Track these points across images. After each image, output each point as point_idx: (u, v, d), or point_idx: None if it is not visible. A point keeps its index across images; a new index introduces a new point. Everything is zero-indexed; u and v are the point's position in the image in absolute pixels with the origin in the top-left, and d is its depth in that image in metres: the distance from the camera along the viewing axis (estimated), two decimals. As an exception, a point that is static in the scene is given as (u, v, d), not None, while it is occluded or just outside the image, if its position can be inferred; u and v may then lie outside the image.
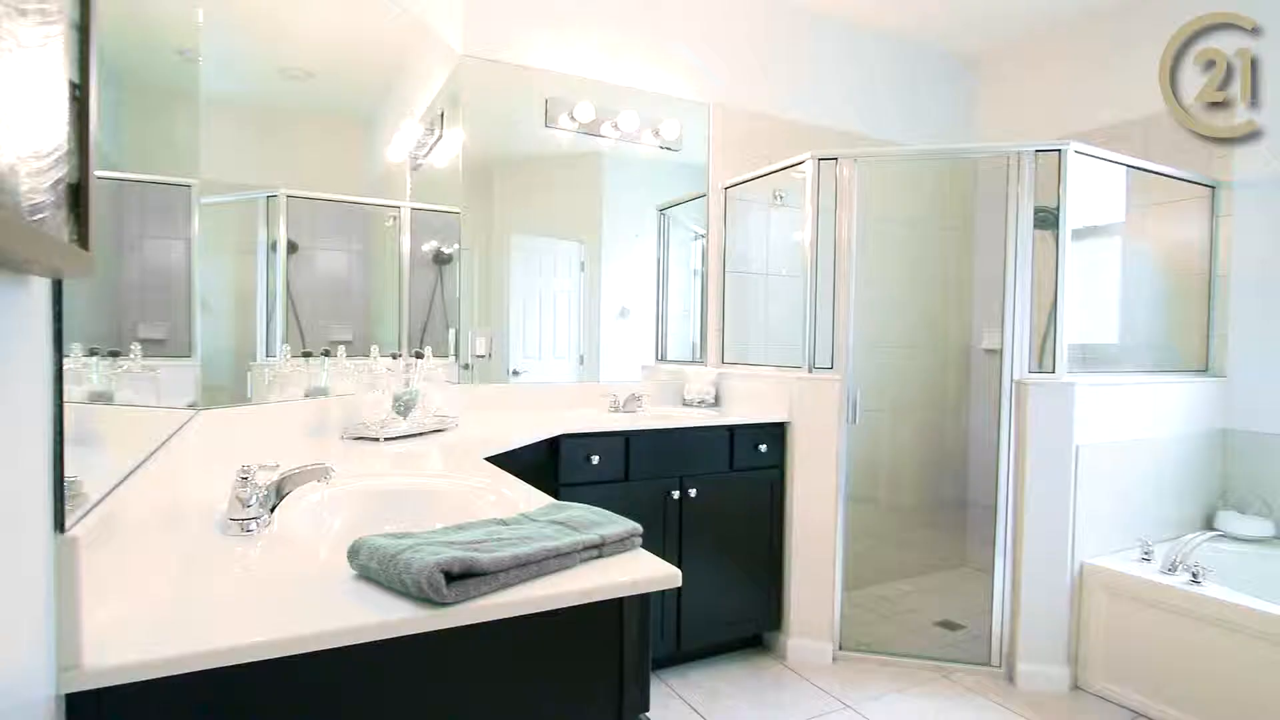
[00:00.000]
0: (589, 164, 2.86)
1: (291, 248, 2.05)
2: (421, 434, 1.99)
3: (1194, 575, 2.15)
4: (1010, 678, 2.38)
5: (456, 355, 2.57)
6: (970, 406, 3.55)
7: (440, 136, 2.55)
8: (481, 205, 2.65)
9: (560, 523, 0.95)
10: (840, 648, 2.52)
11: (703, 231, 3.05)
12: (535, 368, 2.76)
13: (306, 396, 1.96)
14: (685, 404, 2.86)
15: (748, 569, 2.50)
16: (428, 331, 2.51)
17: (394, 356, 2.14)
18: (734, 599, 2.48)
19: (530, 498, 1.19)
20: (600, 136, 2.83)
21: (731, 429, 2.46)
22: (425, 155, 2.52)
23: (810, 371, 2.52)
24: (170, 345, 1.36)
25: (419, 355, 2.12)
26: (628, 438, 2.27)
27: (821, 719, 2.15)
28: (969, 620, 2.84)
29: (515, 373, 2.72)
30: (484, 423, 2.25)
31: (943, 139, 3.62)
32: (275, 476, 1.03)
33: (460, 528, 0.91)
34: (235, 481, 0.97)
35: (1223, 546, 2.48)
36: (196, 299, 1.47)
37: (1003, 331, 2.39)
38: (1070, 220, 2.35)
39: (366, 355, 2.11)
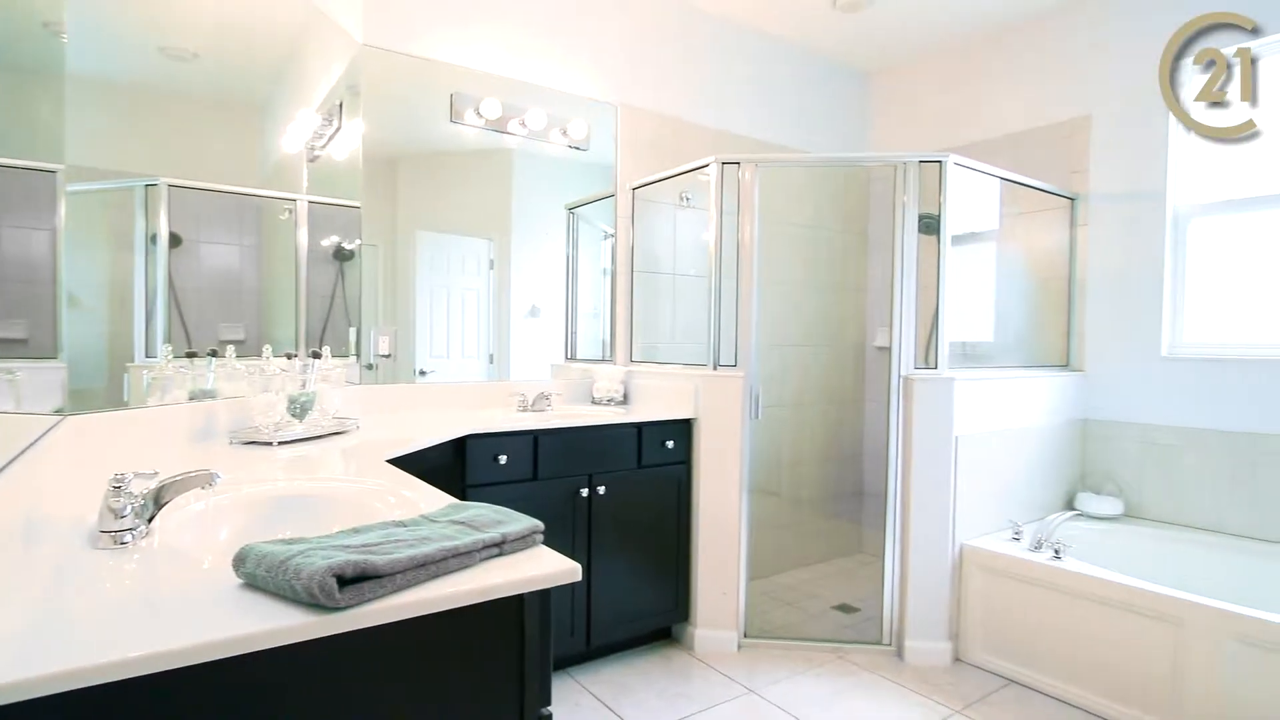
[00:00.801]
0: (498, 161, 2.83)
1: (174, 240, 1.93)
2: (319, 437, 1.92)
3: (1056, 552, 2.37)
4: (899, 654, 2.54)
5: (358, 355, 2.49)
6: (865, 401, 3.76)
7: (339, 127, 2.46)
8: (385, 200, 2.58)
9: (461, 523, 0.95)
10: (745, 635, 2.62)
11: (612, 231, 3.09)
12: (443, 367, 2.71)
13: (191, 400, 1.85)
14: (595, 402, 2.89)
15: (656, 563, 2.56)
16: (328, 330, 2.42)
17: (289, 356, 2.05)
18: (643, 594, 2.52)
19: (431, 499, 1.18)
20: (508, 134, 2.80)
21: (640, 426, 2.50)
22: (323, 146, 2.43)
23: (715, 369, 2.60)
24: (33, 345, 1.26)
25: (316, 355, 2.04)
26: (536, 437, 2.27)
27: (725, 705, 2.23)
28: (863, 603, 3.01)
29: (422, 373, 2.66)
30: (387, 424, 2.20)
31: (841, 148, 3.81)
32: (153, 484, 0.98)
33: (356, 531, 0.90)
34: (107, 491, 0.92)
35: (1081, 525, 2.75)
36: (63, 294, 1.37)
37: (891, 330, 2.56)
38: (950, 227, 2.53)
39: (259, 355, 2.01)
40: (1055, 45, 3.14)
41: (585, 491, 2.36)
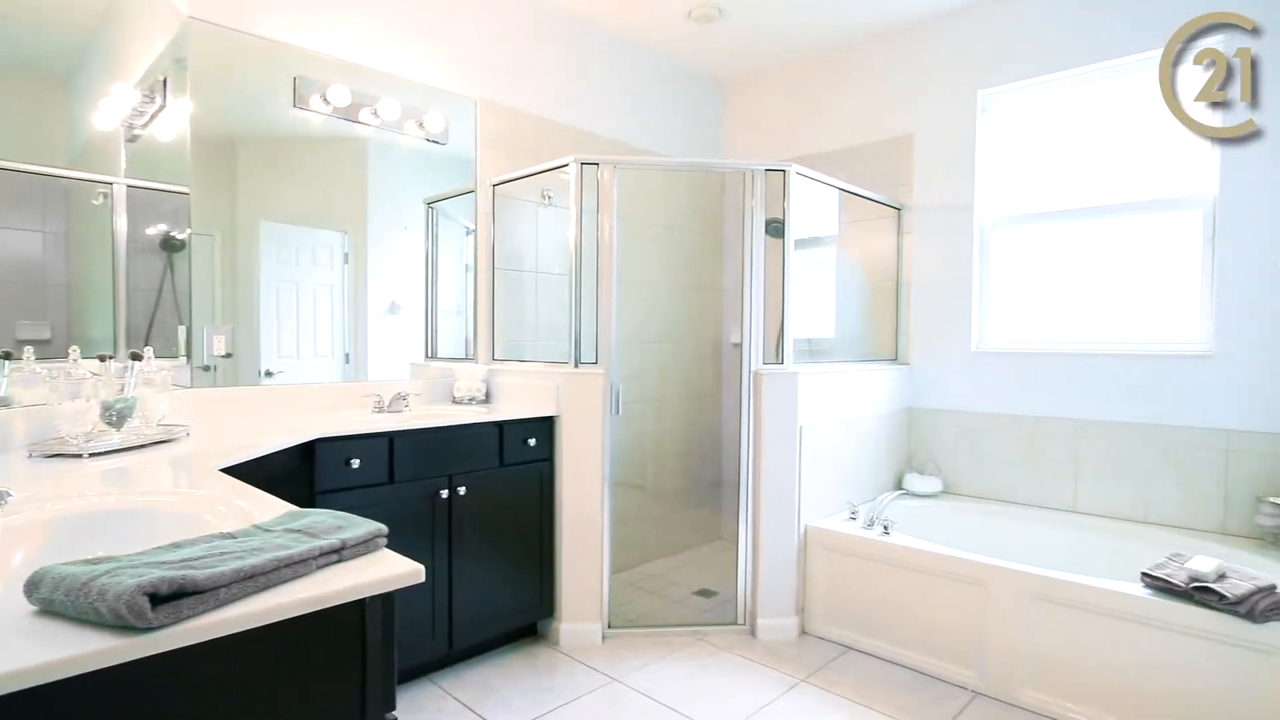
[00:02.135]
0: (352, 149, 2.70)
1: (-46, 227, 1.70)
2: (141, 446, 1.75)
3: (885, 528, 2.62)
4: (753, 632, 2.71)
5: (189, 355, 2.29)
6: (722, 395, 3.96)
7: (163, 106, 2.25)
8: (222, 186, 2.38)
9: (298, 530, 0.92)
10: (609, 626, 2.68)
11: (473, 227, 3.03)
12: (292, 368, 2.55)
13: (-21, 408, 1.64)
14: (456, 402, 2.83)
15: (520, 561, 2.56)
16: (155, 328, 2.21)
17: (103, 358, 1.85)
18: (507, 592, 2.52)
19: (267, 507, 1.12)
20: (360, 123, 2.68)
21: (501, 425, 2.49)
22: (145, 125, 2.21)
23: (576, 367, 2.63)
24: None
25: (137, 356, 1.86)
26: (392, 439, 2.20)
27: (590, 695, 2.28)
28: (721, 587, 3.18)
29: (268, 373, 2.49)
30: (225, 431, 2.04)
31: (698, 153, 3.96)
32: (-76, 507, 0.87)
33: (176, 546, 0.85)
34: None
35: (907, 503, 3.05)
36: None
37: (742, 327, 2.71)
38: (794, 231, 2.72)
39: (67, 357, 1.81)
40: (885, 67, 3.45)
41: (445, 493, 2.32)
